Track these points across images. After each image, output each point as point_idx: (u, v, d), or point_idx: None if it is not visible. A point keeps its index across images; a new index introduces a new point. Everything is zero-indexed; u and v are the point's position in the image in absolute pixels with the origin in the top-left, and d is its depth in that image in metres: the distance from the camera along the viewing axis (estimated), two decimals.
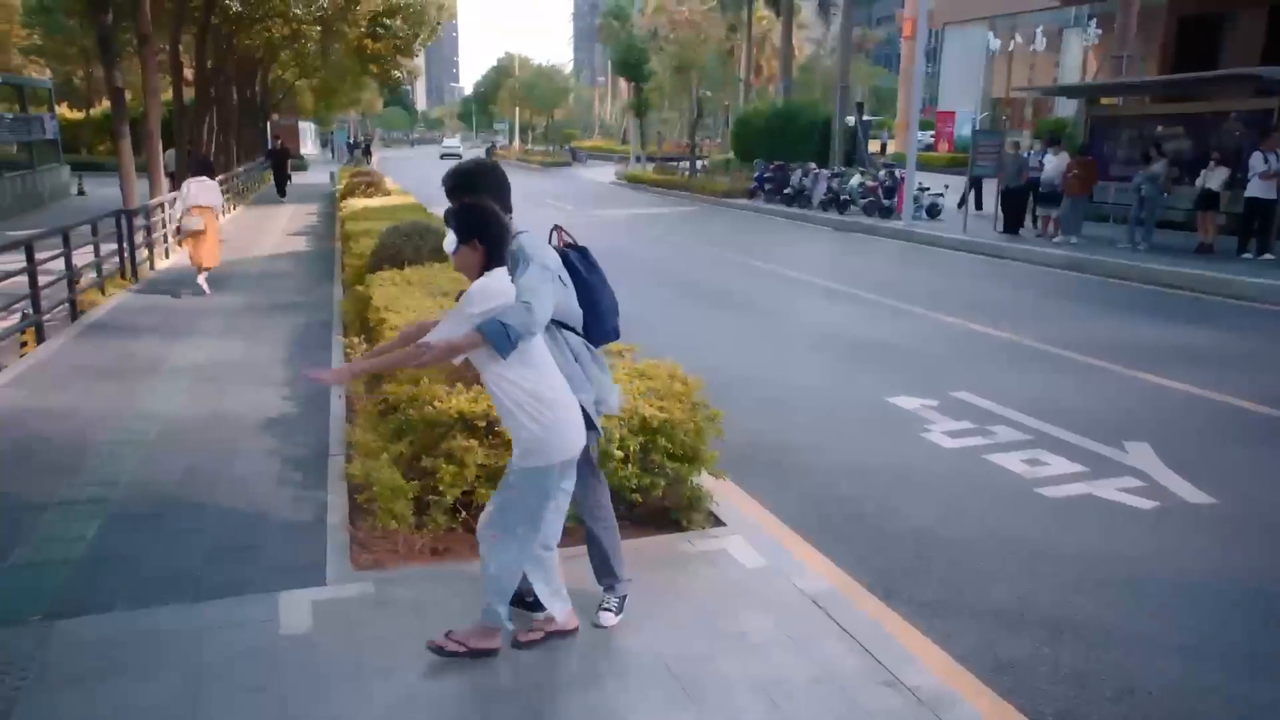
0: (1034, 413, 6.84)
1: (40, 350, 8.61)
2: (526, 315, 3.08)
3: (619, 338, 3.68)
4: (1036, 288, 13.18)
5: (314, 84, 44.70)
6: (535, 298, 3.11)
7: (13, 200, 25.58)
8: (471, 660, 3.39)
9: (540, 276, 3.20)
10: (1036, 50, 38.55)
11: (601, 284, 3.55)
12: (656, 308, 11.53)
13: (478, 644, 3.42)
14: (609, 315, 3.56)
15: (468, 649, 3.41)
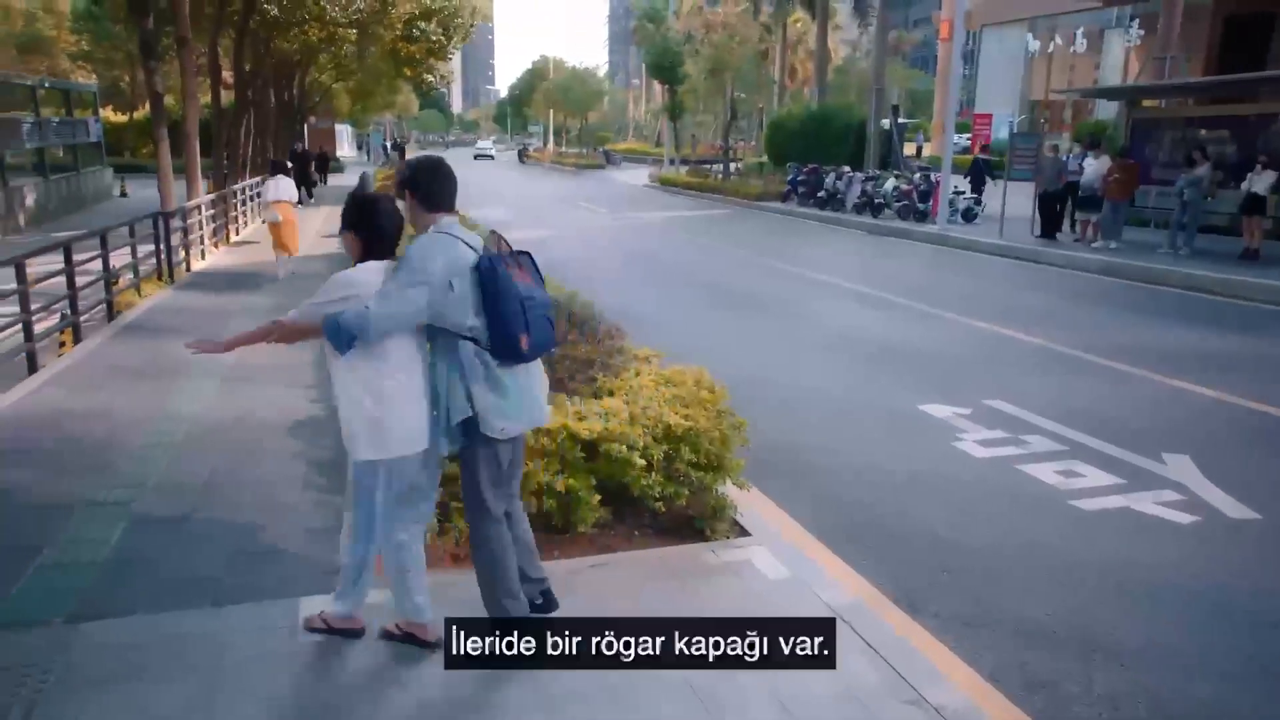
0: (1069, 422, 6.70)
1: (77, 350, 8.74)
2: (363, 317, 3.11)
3: (528, 359, 3.33)
4: (1074, 293, 12.95)
5: (350, 87, 45.13)
6: (383, 302, 3.14)
7: (58, 202, 26.09)
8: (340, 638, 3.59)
9: (403, 281, 3.18)
10: (1076, 52, 37.96)
11: (504, 299, 3.22)
12: (686, 311, 11.47)
13: (339, 624, 3.62)
14: (507, 332, 3.23)
15: (330, 627, 3.62)
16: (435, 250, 3.24)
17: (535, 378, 3.46)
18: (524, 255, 3.44)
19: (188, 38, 15.06)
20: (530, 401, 3.40)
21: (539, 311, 3.30)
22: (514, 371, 3.33)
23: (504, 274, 3.24)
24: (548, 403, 3.56)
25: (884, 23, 30.61)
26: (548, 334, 3.38)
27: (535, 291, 3.34)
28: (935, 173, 21.60)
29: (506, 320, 3.23)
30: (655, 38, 44.10)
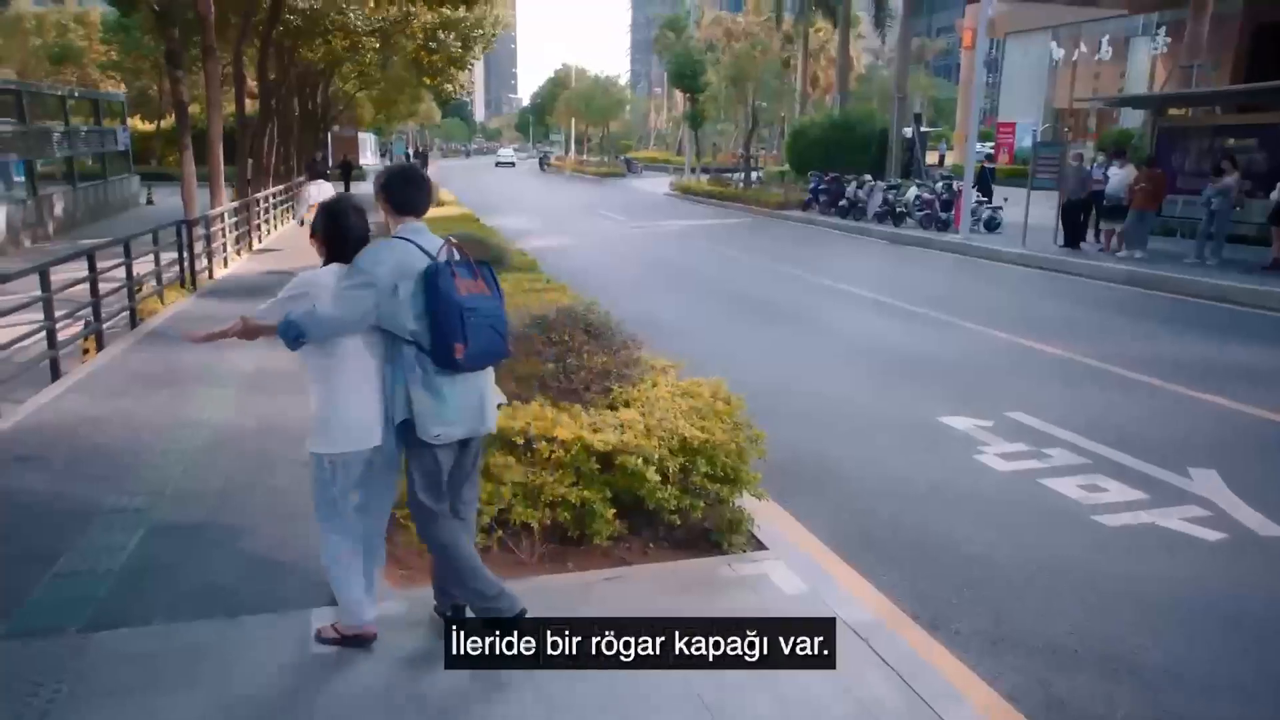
0: (1093, 435, 6.60)
1: (100, 357, 8.81)
2: (310, 317, 3.31)
3: (465, 368, 3.33)
4: (1097, 304, 12.80)
5: (373, 96, 45.48)
6: (331, 303, 3.32)
7: (86, 210, 26.42)
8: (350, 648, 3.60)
9: (350, 283, 3.33)
10: (1101, 60, 37.73)
11: (442, 306, 3.27)
12: (706, 320, 11.43)
13: (349, 632, 3.64)
14: (443, 339, 3.28)
15: (341, 636, 3.63)
16: (385, 254, 3.36)
17: (480, 386, 3.47)
18: (483, 265, 3.48)
19: (213, 47, 15.21)
20: (470, 410, 3.42)
21: (483, 322, 3.33)
22: (453, 378, 3.36)
23: (446, 281, 3.29)
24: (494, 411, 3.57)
25: (906, 31, 30.48)
26: (493, 345, 3.40)
27: (483, 302, 3.36)
28: (957, 181, 21.46)
29: (443, 327, 3.28)
30: (676, 46, 44.19)
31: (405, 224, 3.48)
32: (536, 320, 5.17)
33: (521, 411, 4.59)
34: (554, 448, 4.36)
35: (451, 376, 3.36)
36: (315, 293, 3.39)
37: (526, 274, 8.76)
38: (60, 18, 72.11)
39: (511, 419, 4.51)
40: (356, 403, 3.43)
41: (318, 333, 3.34)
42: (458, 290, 3.30)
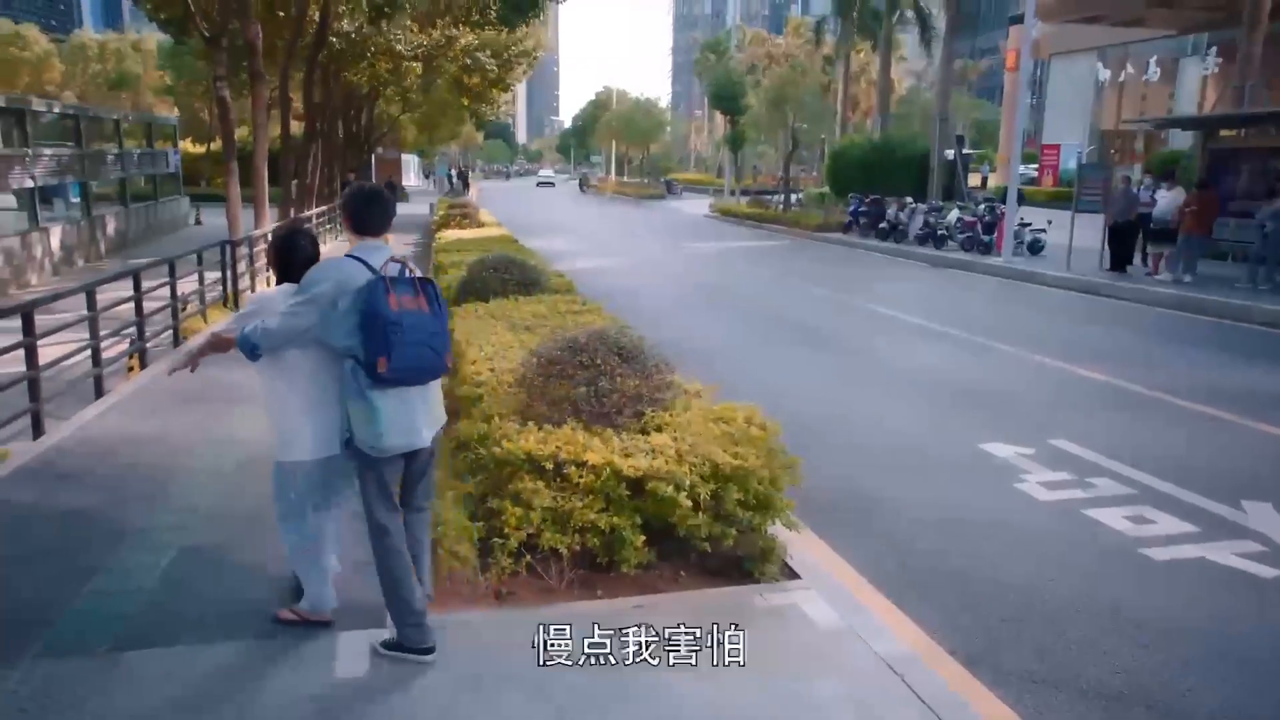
0: (1139, 465, 6.41)
1: (143, 375, 8.94)
2: (261, 330, 3.53)
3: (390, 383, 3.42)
4: (1145, 329, 12.51)
5: (417, 118, 46.13)
6: (279, 317, 3.52)
7: (137, 229, 27.05)
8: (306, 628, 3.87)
9: (294, 300, 3.53)
10: (1149, 81, 37.14)
11: (371, 321, 3.37)
12: (742, 343, 11.35)
13: (310, 617, 3.93)
14: (369, 353, 3.39)
15: (301, 619, 3.92)
16: (329, 271, 3.54)
17: (415, 400, 3.55)
18: (426, 283, 3.58)
19: (260, 71, 15.51)
20: (403, 423, 3.50)
21: (414, 338, 3.41)
22: (385, 392, 3.46)
23: (376, 297, 3.39)
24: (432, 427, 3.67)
25: (949, 53, 30.28)
26: (425, 361, 3.48)
27: (415, 318, 3.43)
28: (1000, 204, 21.19)
29: (369, 341, 3.39)
30: (717, 69, 44.35)
31: (361, 242, 3.63)
32: (568, 343, 5.13)
33: (552, 436, 4.56)
34: (584, 473, 4.31)
35: (384, 390, 3.45)
36: (267, 309, 3.64)
37: (563, 296, 8.74)
38: (119, 45, 74.45)
39: (542, 443, 4.47)
40: (308, 414, 3.67)
41: (268, 344, 3.55)
42: (389, 305, 3.38)
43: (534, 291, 8.79)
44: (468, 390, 5.72)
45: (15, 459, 6.27)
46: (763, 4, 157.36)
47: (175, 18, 18.64)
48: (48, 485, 5.75)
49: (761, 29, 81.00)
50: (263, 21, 18.54)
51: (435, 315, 3.53)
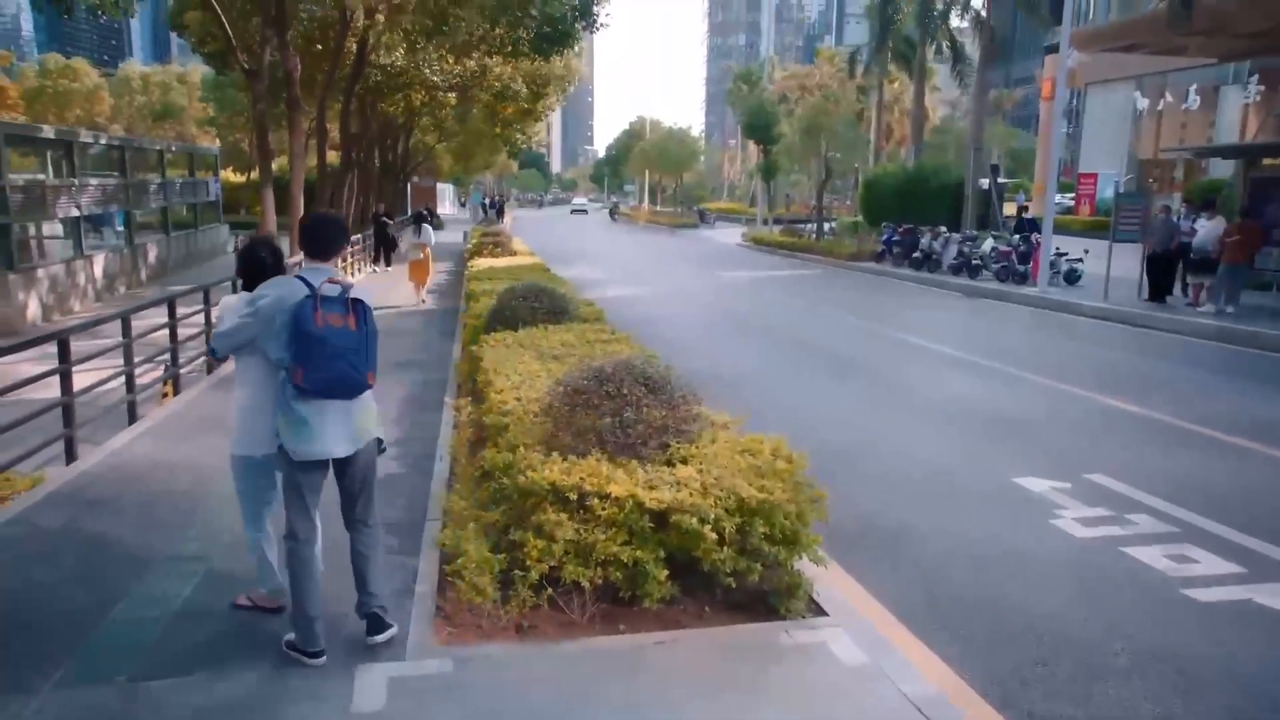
0: (1180, 501, 6.23)
1: (175, 401, 9.04)
2: (216, 335, 4.08)
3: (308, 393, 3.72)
4: (1184, 361, 12.25)
5: (452, 147, 46.72)
6: (227, 328, 3.99)
7: (177, 257, 27.55)
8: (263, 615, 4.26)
9: (241, 312, 3.94)
10: (1189, 109, 36.67)
11: (295, 335, 3.67)
12: (772, 372, 11.26)
13: (263, 603, 4.34)
14: (292, 365, 3.70)
15: (253, 604, 4.35)
16: (271, 289, 3.86)
17: (334, 413, 3.81)
18: (358, 304, 3.83)
19: (298, 102, 15.79)
20: (319, 433, 3.78)
21: (333, 353, 3.68)
22: (308, 402, 3.75)
23: (303, 313, 3.67)
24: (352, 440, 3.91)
25: (983, 83, 30.16)
26: (343, 375, 3.73)
27: (338, 335, 3.70)
28: (1036, 233, 20.96)
29: (294, 354, 3.68)
30: (750, 99, 44.51)
31: (309, 264, 3.95)
32: (594, 373, 5.10)
33: (576, 466, 4.51)
34: (607, 505, 4.26)
35: (305, 400, 3.74)
36: (227, 316, 4.11)
37: (592, 325, 8.72)
38: (164, 78, 76.43)
39: (566, 474, 4.43)
40: (255, 415, 4.03)
41: (220, 348, 4.07)
42: (314, 322, 3.66)
43: (563, 320, 8.79)
44: (494, 419, 5.71)
45: (48, 484, 6.34)
46: (796, 35, 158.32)
47: (218, 51, 19.05)
48: (77, 510, 5.80)
49: (795, 60, 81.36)
50: (301, 54, 18.91)
51: (360, 334, 3.78)
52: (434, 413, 8.34)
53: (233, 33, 16.20)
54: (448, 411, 8.16)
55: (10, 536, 5.35)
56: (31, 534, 5.40)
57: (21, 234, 18.74)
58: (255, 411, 4.04)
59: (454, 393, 8.82)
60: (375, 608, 4.03)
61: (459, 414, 6.97)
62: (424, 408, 8.65)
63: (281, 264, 4.32)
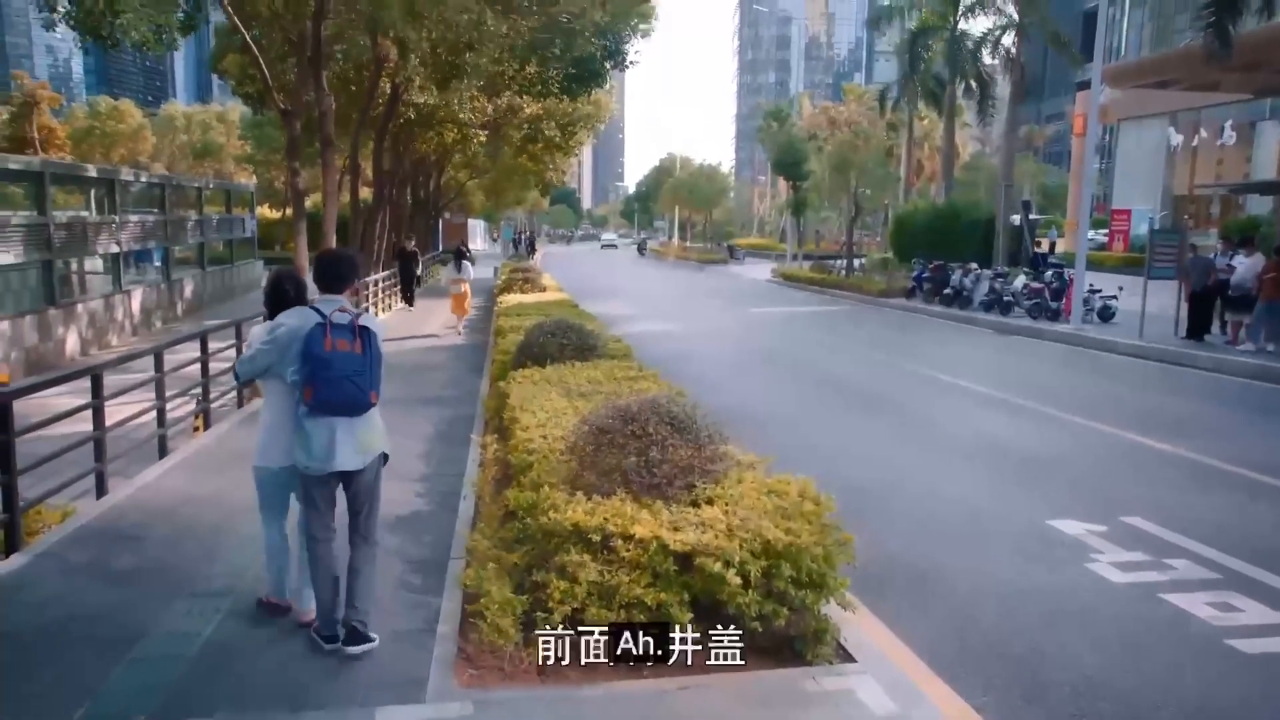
0: (1222, 546, 6.05)
1: (205, 435, 9.12)
2: (239, 361, 4.54)
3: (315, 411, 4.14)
4: (1223, 400, 12.00)
5: (483, 184, 47.28)
6: (248, 351, 4.48)
7: (212, 292, 28.01)
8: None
9: (261, 339, 4.38)
10: (1224, 145, 36.33)
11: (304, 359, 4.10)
12: (800, 409, 11.18)
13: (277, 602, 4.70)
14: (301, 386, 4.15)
15: (270, 603, 4.70)
16: (287, 318, 4.28)
17: (340, 430, 4.18)
18: (365, 330, 4.20)
19: (332, 141, 16.05)
20: (331, 450, 4.17)
21: (339, 375, 4.08)
22: (316, 420, 4.15)
23: (314, 338, 4.09)
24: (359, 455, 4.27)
25: (1013, 119, 30.12)
26: (348, 395, 4.12)
27: (344, 359, 4.10)
28: (1069, 269, 20.74)
29: (303, 376, 4.10)
30: (779, 136, 44.73)
31: (323, 296, 4.36)
32: (620, 412, 5.06)
33: (601, 507, 4.47)
34: (630, 546, 4.21)
35: (315, 418, 4.15)
36: (252, 341, 4.59)
37: (619, 362, 8.71)
38: (204, 117, 78.34)
39: (590, 514, 4.39)
40: (279, 431, 4.40)
41: (240, 372, 4.48)
42: (323, 347, 4.07)
43: (591, 357, 8.78)
44: (519, 458, 5.68)
45: (78, 517, 6.40)
46: (826, 73, 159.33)
47: (256, 91, 19.47)
48: (105, 545, 5.83)
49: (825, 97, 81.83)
50: (337, 93, 19.27)
51: (365, 357, 4.16)
52: (461, 448, 8.34)
53: (270, 74, 16.54)
54: (475, 448, 8.16)
55: (39, 570, 5.39)
56: (59, 568, 5.43)
57: (64, 270, 19.15)
58: (275, 428, 4.44)
59: (481, 429, 8.82)
60: (356, 621, 4.27)
61: (485, 451, 6.95)
62: (451, 443, 8.65)
63: (304, 295, 4.60)
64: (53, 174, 19.09)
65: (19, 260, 16.89)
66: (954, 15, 31.94)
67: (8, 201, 20.28)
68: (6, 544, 5.78)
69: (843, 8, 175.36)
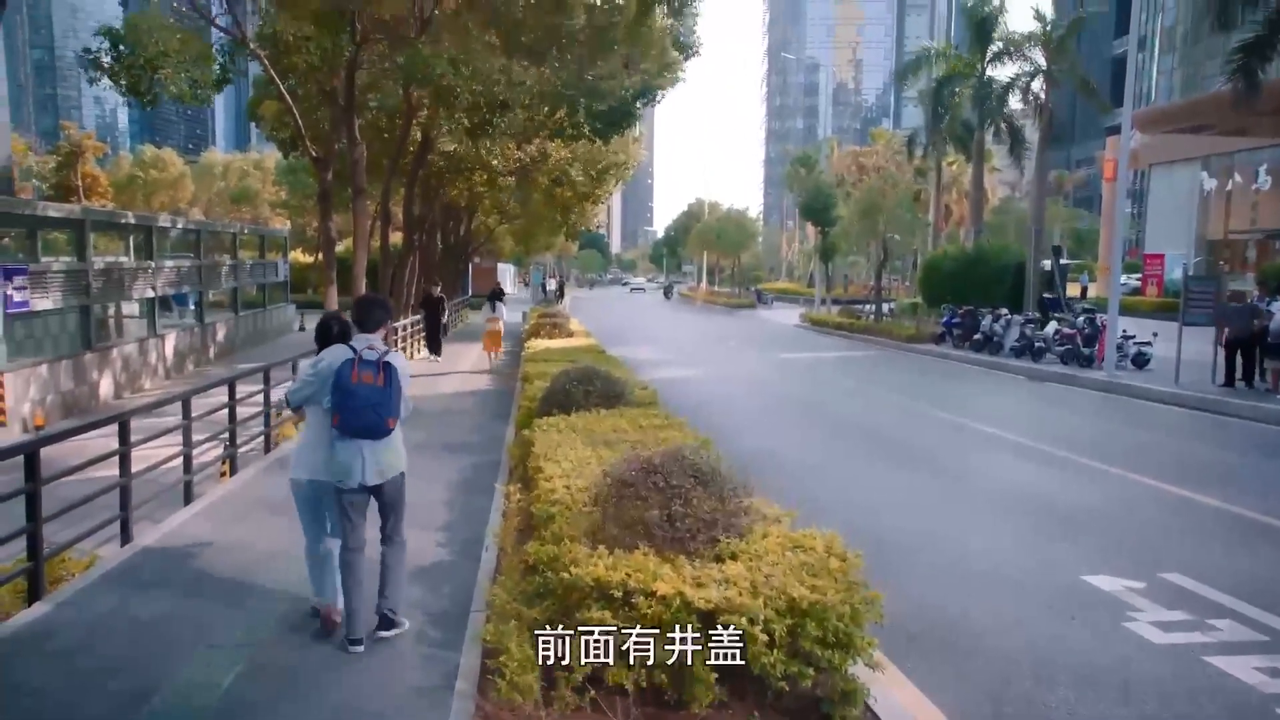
0: (1267, 605, 5.84)
1: (231, 482, 9.13)
2: (288, 392, 5.34)
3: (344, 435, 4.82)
4: (1265, 450, 11.71)
5: (513, 229, 47.75)
6: (296, 384, 5.17)
7: (245, 335, 28.36)
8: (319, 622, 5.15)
9: (305, 372, 5.12)
10: (1260, 189, 35.97)
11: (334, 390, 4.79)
12: (828, 457, 11.04)
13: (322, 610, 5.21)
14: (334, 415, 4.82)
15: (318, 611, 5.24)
16: (328, 355, 5.00)
17: (362, 451, 4.85)
18: (388, 365, 4.86)
19: (362, 188, 16.29)
20: (347, 466, 4.86)
21: (363, 404, 4.75)
22: (344, 441, 4.83)
23: (343, 372, 4.78)
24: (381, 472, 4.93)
25: (1043, 164, 29.99)
26: (369, 422, 4.79)
27: (367, 391, 4.76)
28: (1101, 314, 20.48)
29: (333, 404, 4.80)
30: (807, 182, 44.91)
31: (358, 335, 5.06)
32: (643, 464, 4.99)
33: (623, 562, 4.39)
34: (652, 603, 4.12)
35: (343, 440, 4.83)
36: (301, 373, 5.20)
37: (645, 409, 8.63)
38: (242, 164, 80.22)
39: (611, 570, 4.31)
40: (313, 449, 5.07)
41: (291, 400, 5.20)
42: (350, 380, 4.76)
43: (617, 404, 8.71)
44: (541, 509, 5.61)
45: (102, 565, 6.40)
46: (854, 118, 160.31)
47: (290, 137, 19.87)
48: (128, 593, 5.81)
49: (853, 142, 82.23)
50: (369, 140, 19.60)
51: (386, 390, 4.81)
52: (485, 497, 8.28)
53: (304, 123, 16.86)
54: (499, 496, 8.10)
55: (60, 620, 5.37)
56: (80, 618, 5.40)
57: (100, 314, 19.48)
58: (308, 446, 5.12)
59: (505, 476, 8.77)
60: (387, 609, 5.01)
61: (509, 500, 6.90)
62: (475, 491, 8.60)
63: (347, 334, 5.23)
64: (93, 221, 19.50)
65: (58, 306, 17.20)
66: (982, 62, 32.02)
67: (50, 248, 20.74)
68: (30, 592, 5.78)
69: (871, 54, 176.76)
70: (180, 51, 12.29)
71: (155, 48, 12.07)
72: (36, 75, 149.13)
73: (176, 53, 12.24)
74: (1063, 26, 29.49)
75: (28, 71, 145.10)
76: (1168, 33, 62.55)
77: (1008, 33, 31.24)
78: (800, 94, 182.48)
